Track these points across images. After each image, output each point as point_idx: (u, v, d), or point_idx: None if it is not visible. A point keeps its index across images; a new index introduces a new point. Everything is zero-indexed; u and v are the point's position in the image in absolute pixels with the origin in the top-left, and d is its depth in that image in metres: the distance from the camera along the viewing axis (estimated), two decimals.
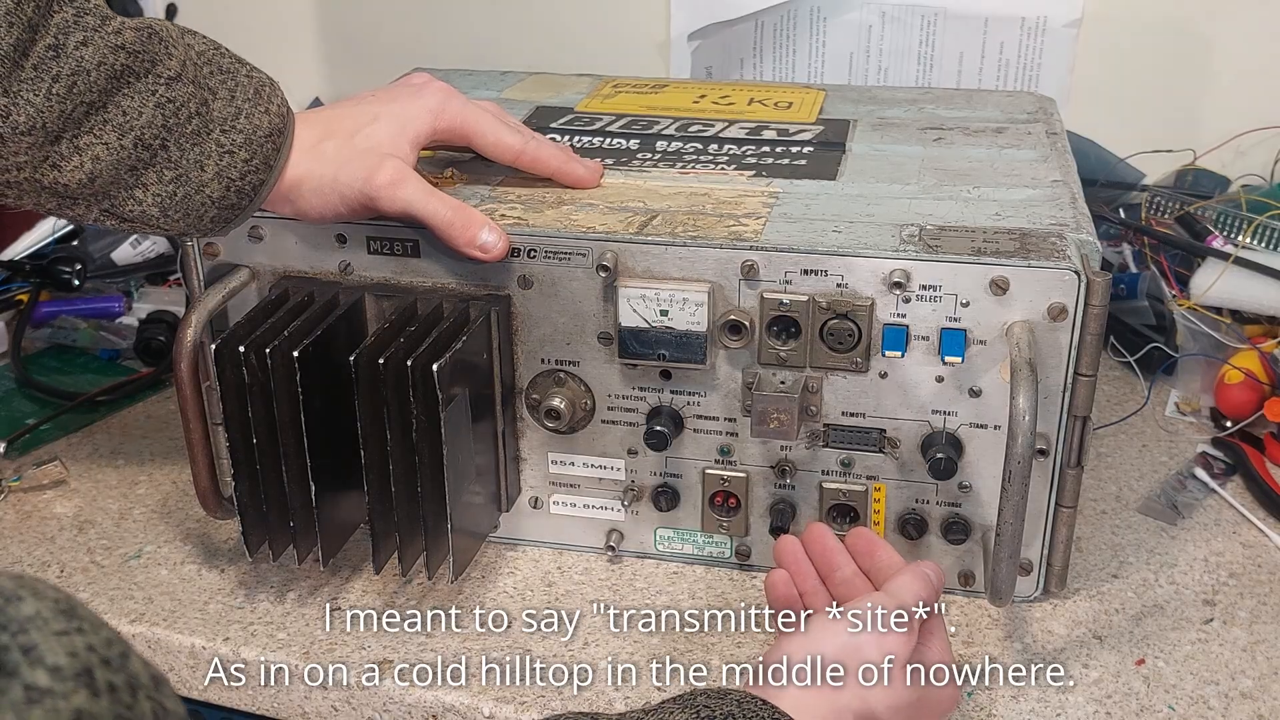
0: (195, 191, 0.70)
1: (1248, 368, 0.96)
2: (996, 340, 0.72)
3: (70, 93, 0.65)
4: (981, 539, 0.77)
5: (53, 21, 0.65)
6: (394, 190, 0.74)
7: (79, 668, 0.34)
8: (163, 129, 0.69)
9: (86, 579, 0.83)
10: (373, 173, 0.74)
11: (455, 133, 0.80)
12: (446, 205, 0.75)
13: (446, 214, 0.74)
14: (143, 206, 0.70)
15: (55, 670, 0.34)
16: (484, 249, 0.75)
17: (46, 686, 0.33)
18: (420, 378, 0.71)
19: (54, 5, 0.65)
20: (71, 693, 0.33)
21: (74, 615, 0.36)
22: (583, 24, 1.35)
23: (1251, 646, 0.75)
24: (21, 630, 0.34)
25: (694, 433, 0.79)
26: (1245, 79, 1.20)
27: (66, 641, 0.35)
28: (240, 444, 0.75)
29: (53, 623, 0.35)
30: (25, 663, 0.34)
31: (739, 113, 0.98)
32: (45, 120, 0.65)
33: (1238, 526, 0.87)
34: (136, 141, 0.68)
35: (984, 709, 0.71)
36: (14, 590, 0.36)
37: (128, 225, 0.72)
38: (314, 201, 0.74)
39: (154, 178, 0.69)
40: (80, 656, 0.35)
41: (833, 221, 0.76)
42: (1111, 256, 1.11)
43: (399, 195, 0.74)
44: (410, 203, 0.74)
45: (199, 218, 0.71)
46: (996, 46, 1.24)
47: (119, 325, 1.14)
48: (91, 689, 0.34)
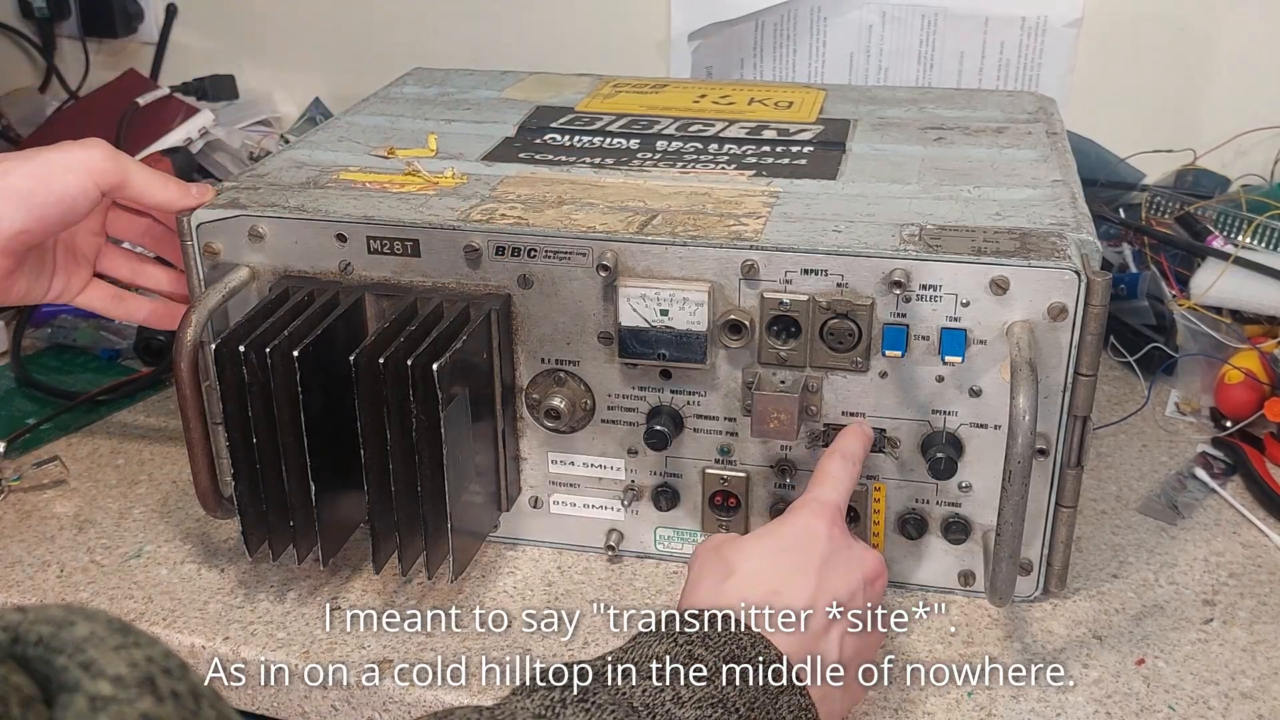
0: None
1: (1248, 368, 0.96)
2: (997, 340, 0.72)
3: None
4: (981, 539, 0.77)
5: None
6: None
7: (140, 676, 0.34)
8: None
9: (86, 578, 0.83)
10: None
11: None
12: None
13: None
14: None
15: (117, 679, 0.34)
16: None
17: (110, 694, 0.33)
18: (420, 377, 0.71)
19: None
20: (136, 699, 0.33)
21: (129, 631, 0.36)
22: (583, 24, 1.36)
23: (1251, 646, 0.75)
24: (78, 650, 0.34)
25: (694, 432, 0.79)
26: (1245, 79, 1.20)
27: (125, 654, 0.35)
28: (240, 444, 0.75)
29: (108, 640, 0.35)
30: (86, 677, 0.33)
31: (739, 112, 0.98)
32: None
33: (1238, 526, 0.87)
34: None
35: (984, 709, 0.71)
36: (65, 617, 0.35)
37: None
38: None
39: None
40: (140, 666, 0.34)
41: (833, 221, 0.76)
42: (1111, 256, 1.11)
43: None
44: None
45: None
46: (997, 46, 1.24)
47: (119, 325, 1.13)
48: (155, 695, 0.34)
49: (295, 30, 1.45)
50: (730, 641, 0.59)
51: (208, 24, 1.49)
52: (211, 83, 1.40)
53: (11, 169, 0.74)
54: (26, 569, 0.83)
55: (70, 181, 0.75)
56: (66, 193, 0.75)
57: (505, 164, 0.87)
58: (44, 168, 0.75)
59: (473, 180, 0.84)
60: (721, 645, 0.58)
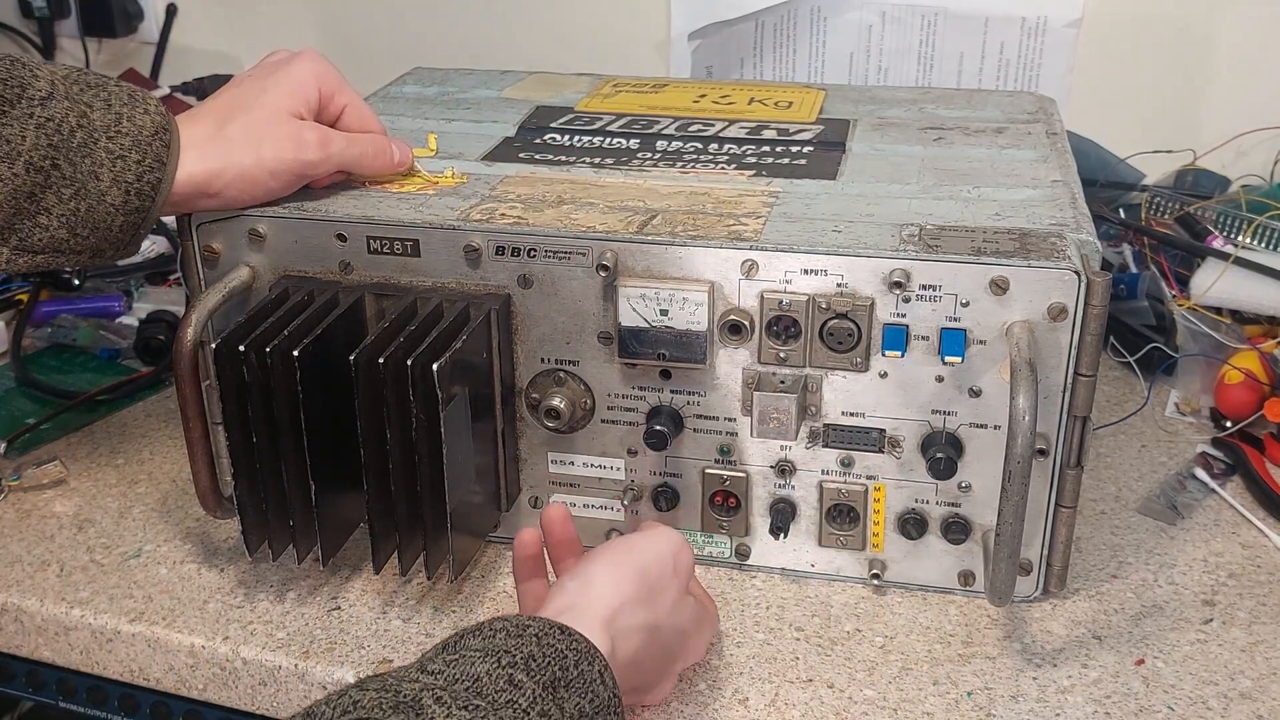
0: (97, 203, 0.72)
1: (1248, 368, 0.96)
2: (996, 340, 0.72)
3: None
4: (981, 539, 0.77)
5: None
6: (325, 151, 0.77)
7: None
8: (49, 148, 0.70)
9: (86, 578, 0.83)
10: (299, 144, 0.76)
11: (332, 99, 0.81)
12: (361, 142, 0.80)
13: (367, 149, 0.80)
14: (50, 232, 0.71)
15: None
16: (400, 164, 0.82)
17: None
18: (420, 377, 0.71)
19: None
20: None
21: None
22: (583, 24, 1.36)
23: (1251, 647, 0.75)
24: None
25: (694, 432, 0.79)
26: (1245, 79, 1.20)
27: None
28: (240, 443, 0.75)
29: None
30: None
31: (739, 112, 0.98)
32: None
33: (1237, 527, 0.87)
34: (27, 166, 0.69)
35: (983, 709, 0.71)
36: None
37: (42, 259, 0.72)
38: (242, 187, 0.76)
39: (54, 199, 0.71)
40: None
41: (833, 221, 0.76)
42: (1111, 256, 1.12)
43: (331, 155, 0.78)
44: (341, 158, 0.79)
45: (107, 229, 0.73)
46: (996, 46, 1.24)
47: (119, 325, 1.14)
48: None
49: (295, 30, 1.45)
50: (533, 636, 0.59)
51: (208, 24, 1.49)
52: (211, 83, 1.41)
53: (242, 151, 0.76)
54: (26, 568, 0.84)
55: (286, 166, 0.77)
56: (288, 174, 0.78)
57: (505, 164, 0.87)
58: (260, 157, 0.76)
59: (472, 180, 0.84)
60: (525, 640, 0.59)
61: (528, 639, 0.57)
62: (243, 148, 0.75)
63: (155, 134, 0.72)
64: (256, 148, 0.75)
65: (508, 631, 0.58)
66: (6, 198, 0.69)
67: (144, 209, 0.73)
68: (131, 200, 0.72)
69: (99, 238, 0.73)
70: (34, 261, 0.72)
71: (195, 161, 0.74)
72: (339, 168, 0.80)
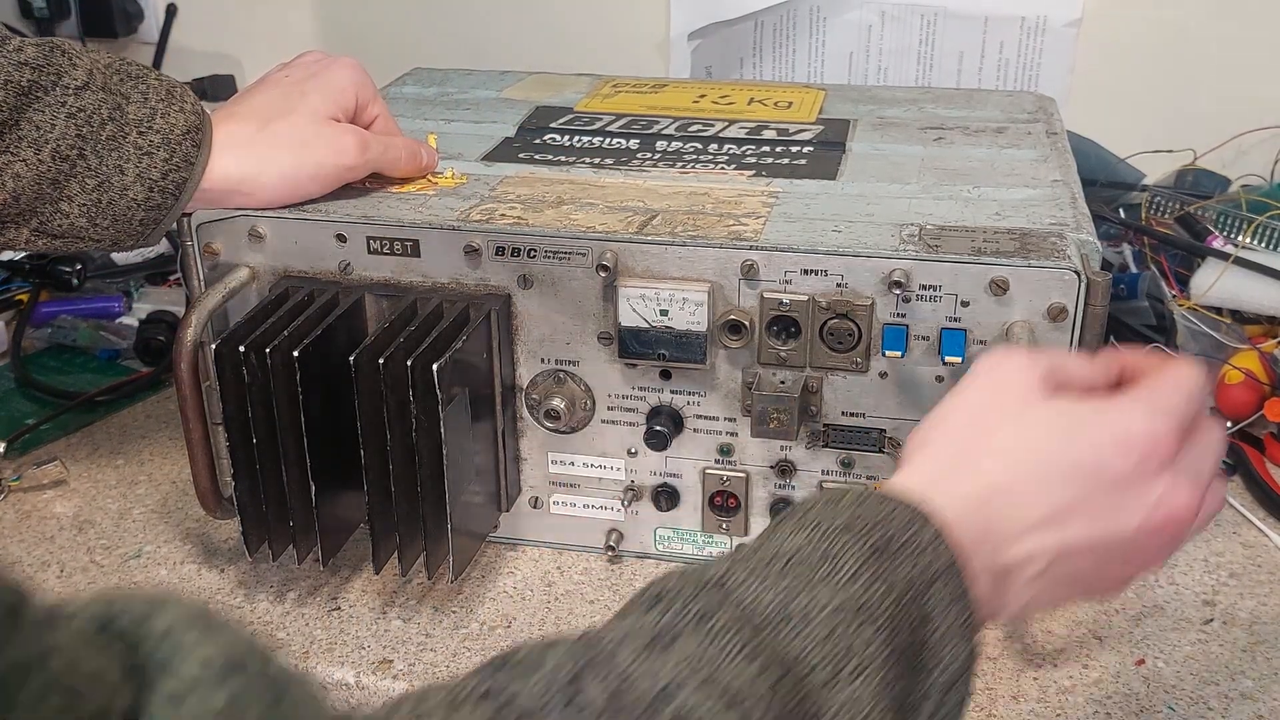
0: (119, 196, 0.72)
1: (1248, 368, 0.96)
2: (996, 340, 0.72)
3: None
4: None
5: None
6: (364, 155, 0.78)
7: (226, 660, 0.35)
8: (77, 138, 0.70)
9: (86, 579, 0.83)
10: (339, 148, 0.77)
11: (366, 109, 0.82)
12: (396, 147, 0.81)
13: (401, 154, 0.81)
14: (70, 219, 0.71)
15: (205, 662, 0.34)
16: (428, 167, 0.83)
17: (197, 676, 0.34)
18: (420, 377, 0.71)
19: None
20: (224, 679, 0.34)
21: (212, 618, 0.37)
22: (583, 24, 1.36)
23: (1251, 647, 0.75)
24: (166, 635, 0.35)
25: (694, 433, 0.79)
26: (1245, 79, 1.20)
27: (212, 638, 0.36)
28: (240, 444, 0.75)
29: (194, 624, 0.36)
30: (175, 660, 0.34)
31: (739, 112, 0.98)
32: None
33: (1238, 526, 0.87)
34: (54, 154, 0.69)
35: (984, 709, 0.71)
36: (150, 603, 0.36)
37: (60, 243, 0.73)
38: (280, 189, 0.76)
39: (77, 188, 0.71)
40: (226, 651, 0.35)
41: (833, 221, 0.76)
42: (1111, 256, 1.11)
43: (369, 160, 0.79)
44: (378, 162, 0.80)
45: (127, 222, 0.73)
46: (996, 46, 1.24)
47: (119, 325, 1.14)
48: (244, 675, 0.35)
49: (295, 31, 1.45)
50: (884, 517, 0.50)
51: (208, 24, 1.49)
52: (211, 83, 1.41)
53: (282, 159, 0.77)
54: (26, 569, 0.83)
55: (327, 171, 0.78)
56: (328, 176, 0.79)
57: (505, 164, 0.87)
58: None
59: (472, 180, 0.84)
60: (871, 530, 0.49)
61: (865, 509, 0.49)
62: (284, 151, 0.76)
63: (187, 133, 0.73)
64: (298, 151, 0.76)
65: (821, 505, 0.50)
66: (30, 183, 0.69)
67: (166, 206, 0.73)
68: (154, 197, 0.72)
69: (118, 229, 0.73)
70: (52, 244, 0.73)
71: (233, 162, 0.74)
72: (374, 170, 0.81)
